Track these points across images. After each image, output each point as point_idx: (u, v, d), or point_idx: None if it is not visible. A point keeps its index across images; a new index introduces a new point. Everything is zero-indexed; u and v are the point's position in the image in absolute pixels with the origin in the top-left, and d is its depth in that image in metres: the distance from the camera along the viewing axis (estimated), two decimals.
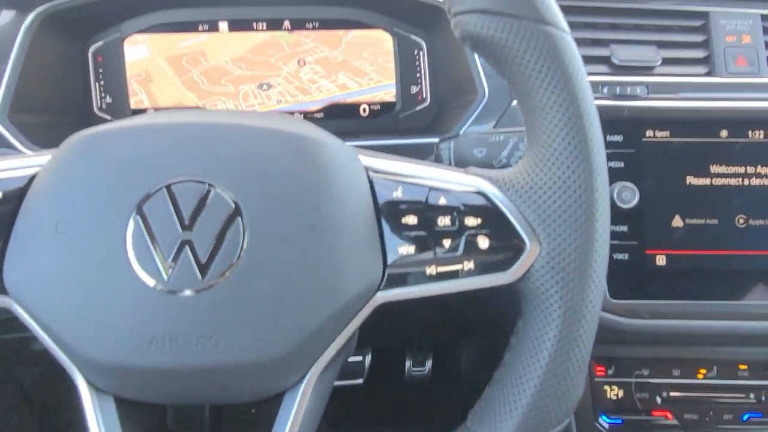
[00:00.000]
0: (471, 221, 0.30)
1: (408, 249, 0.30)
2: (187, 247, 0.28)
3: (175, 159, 0.29)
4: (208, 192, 0.28)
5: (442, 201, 0.31)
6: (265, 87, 0.59)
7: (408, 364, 1.14)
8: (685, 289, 0.49)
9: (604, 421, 0.56)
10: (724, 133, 0.49)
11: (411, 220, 0.31)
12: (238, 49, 0.59)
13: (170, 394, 0.30)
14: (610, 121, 0.50)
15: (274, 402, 0.31)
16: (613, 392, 0.56)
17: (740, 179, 0.49)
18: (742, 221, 0.49)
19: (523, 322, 0.31)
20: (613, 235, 0.49)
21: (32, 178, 0.30)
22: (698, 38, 0.51)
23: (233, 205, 0.28)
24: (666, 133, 0.50)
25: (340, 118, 0.60)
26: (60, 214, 0.28)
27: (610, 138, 0.50)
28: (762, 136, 0.49)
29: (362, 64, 0.60)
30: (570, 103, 0.29)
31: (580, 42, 0.51)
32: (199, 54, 0.58)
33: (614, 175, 0.49)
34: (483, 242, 0.30)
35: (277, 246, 0.28)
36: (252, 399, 0.31)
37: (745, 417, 0.56)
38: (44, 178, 0.29)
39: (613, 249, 0.49)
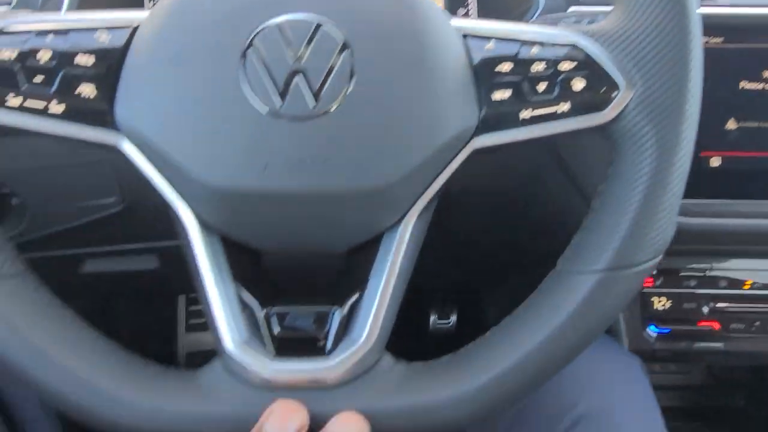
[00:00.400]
0: (565, 65, 0.31)
1: (503, 94, 0.31)
2: (299, 76, 0.29)
3: None
4: (319, 26, 0.29)
5: (536, 50, 0.32)
6: None
7: (432, 317, 1.15)
8: (739, 190, 0.50)
9: (652, 331, 0.58)
10: None
11: (505, 67, 0.32)
12: None
13: (269, 227, 0.31)
14: None
15: (371, 248, 0.32)
16: (661, 303, 0.57)
17: None
18: None
19: (614, 167, 0.32)
20: None
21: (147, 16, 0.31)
22: None
23: (343, 40, 0.29)
24: (720, 39, 0.51)
25: None
26: (175, 46, 0.29)
27: None
28: None
29: None
30: None
31: None
32: None
33: None
34: (578, 84, 0.31)
35: (384, 80, 0.29)
36: (349, 240, 0.32)
37: None
38: (158, 13, 0.30)
39: None
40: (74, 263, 0.65)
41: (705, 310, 0.57)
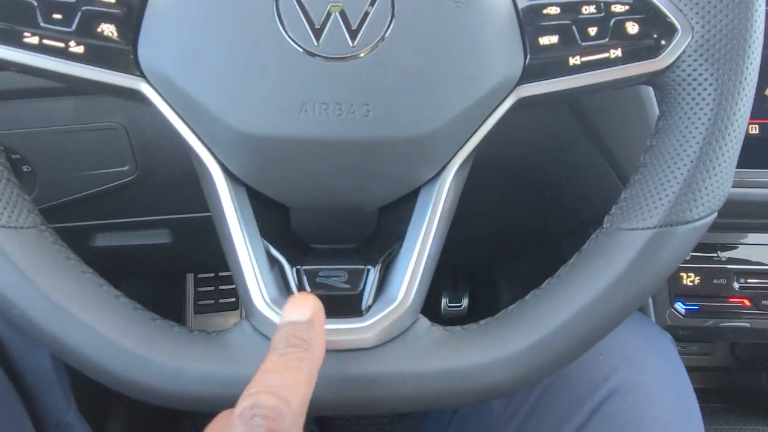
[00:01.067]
0: (618, 8, 0.29)
1: (550, 39, 0.29)
2: (337, 14, 0.27)
3: None
4: None
5: None
6: None
7: (444, 301, 1.14)
8: None
9: (680, 307, 0.56)
10: None
11: (553, 10, 0.30)
12: None
13: (309, 182, 0.29)
14: None
15: (404, 206, 0.31)
16: (690, 278, 0.56)
17: None
18: None
19: (667, 120, 0.30)
20: None
21: None
22: None
23: None
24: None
25: None
26: None
27: None
28: None
29: None
30: None
31: None
32: None
33: None
34: (632, 28, 0.29)
35: (425, 24, 0.27)
36: (388, 194, 0.30)
37: None
38: None
39: None
40: (85, 236, 0.63)
41: (736, 286, 0.55)
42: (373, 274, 0.30)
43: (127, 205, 0.57)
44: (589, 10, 0.29)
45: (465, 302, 1.11)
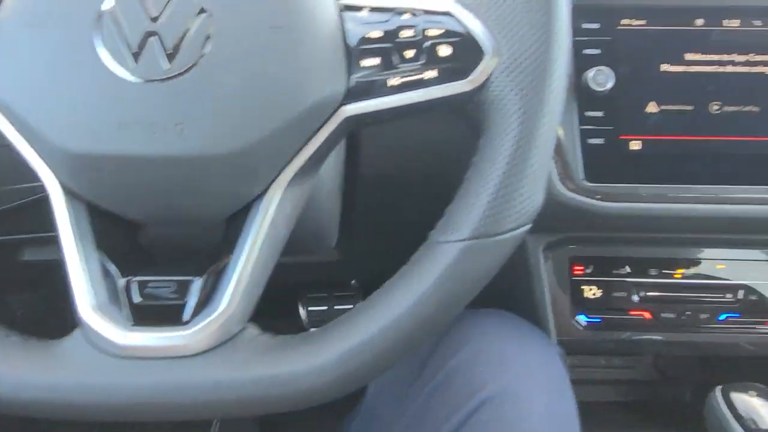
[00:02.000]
0: (433, 32, 0.31)
1: (371, 61, 0.31)
2: (154, 38, 0.29)
3: None
4: None
5: (407, 16, 0.31)
6: None
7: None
8: (659, 174, 0.49)
9: (582, 320, 0.57)
10: (699, 21, 0.50)
11: (375, 33, 0.31)
12: None
13: (135, 194, 0.30)
14: (587, 8, 0.50)
15: (243, 217, 0.32)
16: (591, 291, 0.57)
17: (715, 67, 0.50)
18: (716, 107, 0.50)
19: (483, 138, 0.32)
20: (589, 120, 0.50)
21: None
22: None
23: (199, 2, 0.29)
24: (642, 22, 0.50)
25: None
26: (30, 8, 0.29)
27: (586, 25, 0.50)
28: (737, 24, 0.50)
29: None
30: None
31: None
32: None
33: (591, 61, 0.50)
34: (445, 51, 0.31)
35: (243, 43, 0.29)
36: (218, 211, 0.32)
37: (723, 317, 0.56)
38: None
39: (589, 134, 0.50)
40: (14, 250, 0.65)
41: (635, 298, 0.56)
42: (199, 285, 0.31)
43: (50, 219, 0.59)
44: (407, 33, 0.31)
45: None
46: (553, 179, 0.49)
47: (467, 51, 0.31)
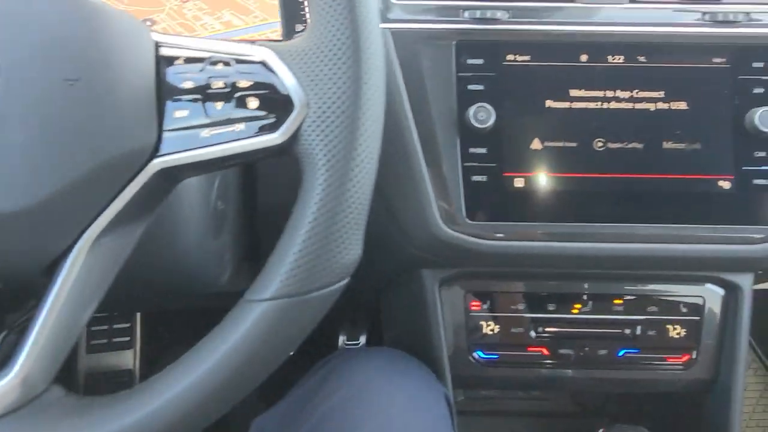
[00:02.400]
0: (243, 83, 0.30)
1: (183, 113, 0.30)
2: None
3: None
4: None
5: (219, 66, 0.31)
6: (148, 23, 0.59)
7: (342, 338, 1.13)
8: (544, 211, 0.49)
9: (479, 356, 0.56)
10: (584, 57, 0.50)
11: (188, 84, 0.30)
12: None
13: None
14: (471, 44, 0.50)
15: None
16: (489, 327, 0.56)
17: (599, 103, 0.49)
18: (600, 144, 0.49)
19: (299, 191, 0.31)
20: (471, 156, 0.49)
21: None
22: None
23: None
24: (527, 57, 0.50)
25: None
26: None
27: (470, 61, 0.49)
28: (621, 60, 0.49)
29: (247, 2, 0.60)
30: None
31: None
32: None
33: (474, 98, 0.49)
34: (254, 103, 0.30)
35: (32, 96, 0.28)
36: (27, 268, 0.31)
37: (621, 353, 0.55)
38: None
39: (471, 171, 0.49)
40: None
41: (533, 334, 0.55)
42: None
43: None
44: (218, 85, 0.30)
45: (363, 339, 1.11)
46: (436, 217, 0.48)
47: (277, 103, 0.30)
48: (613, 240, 0.48)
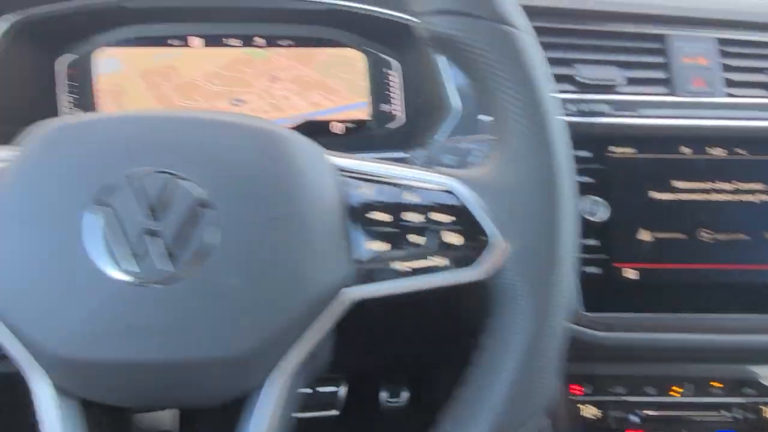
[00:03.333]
0: (441, 217, 0.30)
1: (377, 245, 0.30)
2: (150, 239, 0.27)
3: (139, 150, 0.28)
4: (173, 183, 0.27)
5: (411, 198, 0.31)
6: (237, 103, 0.59)
7: (383, 395, 1.11)
8: (655, 302, 0.49)
9: None
10: (684, 149, 0.51)
11: (380, 216, 0.30)
12: (211, 65, 0.59)
13: (134, 393, 0.28)
14: (578, 137, 0.50)
15: (239, 406, 0.30)
16: (589, 411, 0.55)
17: (702, 194, 0.51)
18: (707, 235, 0.50)
19: (493, 321, 0.31)
20: (584, 248, 0.50)
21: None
22: (658, 60, 0.54)
23: (199, 197, 0.27)
24: (631, 149, 0.51)
25: (313, 134, 0.60)
26: (23, 205, 0.27)
27: (578, 153, 0.50)
28: (720, 152, 0.51)
29: (335, 82, 0.60)
30: (529, 101, 0.30)
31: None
32: (171, 69, 0.58)
33: (583, 189, 0.50)
34: (453, 238, 0.30)
35: (242, 238, 0.28)
36: (216, 402, 0.30)
37: None
38: (8, 170, 0.28)
39: (584, 262, 0.49)
40: None
41: (633, 418, 0.55)
42: None
43: None
44: (413, 218, 0.30)
45: (405, 395, 1.09)
46: None
47: (475, 239, 0.30)
48: (730, 331, 0.48)
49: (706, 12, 0.54)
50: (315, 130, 0.61)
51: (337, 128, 0.61)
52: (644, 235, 0.50)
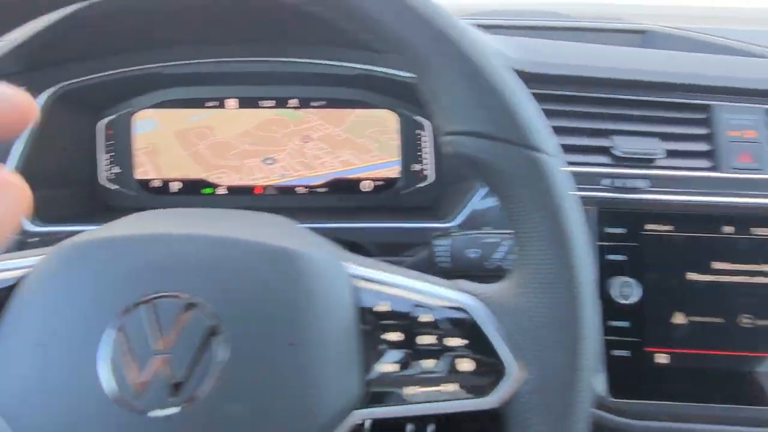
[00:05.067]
0: (455, 341, 0.30)
1: (388, 367, 0.30)
2: (162, 366, 0.28)
3: (155, 272, 0.29)
4: (186, 308, 0.28)
5: (427, 318, 0.30)
6: (269, 161, 0.60)
7: (409, 428, 1.11)
8: (688, 390, 0.47)
9: None
10: (727, 228, 0.49)
11: (393, 336, 0.30)
12: (244, 125, 0.60)
13: None
14: (611, 213, 0.49)
15: None
16: None
17: (744, 277, 0.48)
18: (747, 321, 0.48)
19: None
20: (614, 330, 0.48)
21: (18, 279, 0.30)
22: (701, 131, 0.51)
23: (212, 323, 0.28)
24: (668, 227, 0.49)
25: (343, 192, 0.60)
26: (40, 325, 0.29)
27: (610, 230, 0.49)
28: (766, 232, 0.48)
29: (366, 142, 0.61)
30: (556, 228, 0.29)
31: (580, 132, 0.52)
32: (206, 128, 0.60)
33: (615, 269, 0.48)
34: (466, 365, 0.30)
35: (255, 365, 0.28)
36: None
37: None
38: (29, 286, 0.29)
39: (614, 345, 0.48)
40: None
41: None
42: None
43: None
44: (427, 340, 0.30)
45: (431, 429, 1.09)
46: None
47: (491, 367, 0.29)
48: (763, 425, 0.46)
49: (755, 82, 0.51)
50: (345, 187, 0.61)
51: (367, 186, 0.61)
52: (679, 319, 0.48)
